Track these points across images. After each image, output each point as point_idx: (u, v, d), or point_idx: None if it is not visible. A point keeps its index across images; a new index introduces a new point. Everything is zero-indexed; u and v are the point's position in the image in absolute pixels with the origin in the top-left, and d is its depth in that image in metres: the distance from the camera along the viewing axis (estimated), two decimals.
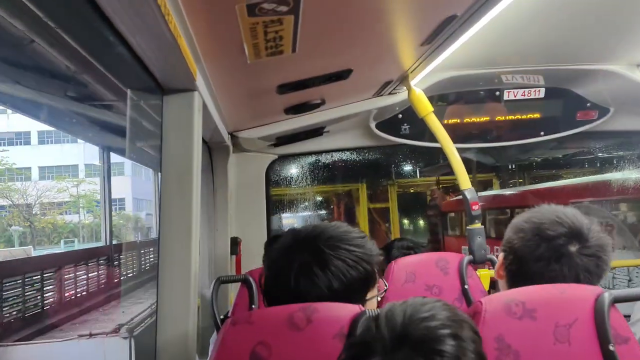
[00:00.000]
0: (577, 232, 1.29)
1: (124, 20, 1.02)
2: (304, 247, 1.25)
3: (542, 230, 1.30)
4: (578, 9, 1.89)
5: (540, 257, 1.29)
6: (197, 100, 1.55)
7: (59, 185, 30.95)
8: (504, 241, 1.40)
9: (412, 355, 0.78)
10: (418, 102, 2.58)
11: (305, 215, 12.63)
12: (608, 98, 3.10)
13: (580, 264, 1.28)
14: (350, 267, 1.23)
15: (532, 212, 1.37)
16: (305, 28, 1.34)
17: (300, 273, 1.23)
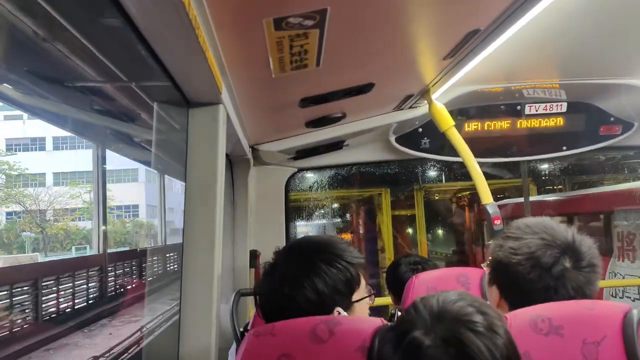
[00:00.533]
0: (566, 246, 1.25)
1: (154, 35, 1.05)
2: (289, 257, 1.33)
3: (538, 260, 1.25)
4: (599, 23, 1.89)
5: (547, 287, 1.24)
6: (222, 113, 1.57)
7: (72, 191, 30.87)
8: (494, 273, 1.36)
9: (451, 326, 0.92)
10: (439, 116, 2.58)
11: (319, 224, 11.48)
12: (632, 112, 3.06)
13: (583, 280, 1.24)
14: (332, 267, 1.28)
15: (515, 235, 1.31)
16: (330, 42, 1.36)
17: (285, 279, 1.28)
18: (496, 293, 1.35)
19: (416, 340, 0.92)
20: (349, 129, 2.82)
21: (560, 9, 1.68)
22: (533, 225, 1.31)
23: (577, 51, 2.27)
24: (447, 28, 1.59)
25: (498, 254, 1.32)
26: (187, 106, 1.51)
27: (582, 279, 1.24)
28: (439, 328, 0.93)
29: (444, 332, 0.92)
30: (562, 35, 1.99)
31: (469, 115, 3.13)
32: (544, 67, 2.56)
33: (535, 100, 3.04)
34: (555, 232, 1.27)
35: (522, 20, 1.59)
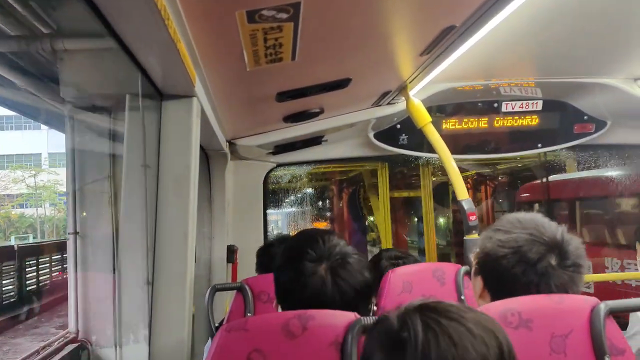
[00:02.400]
0: (554, 243, 1.26)
1: (123, 25, 1.03)
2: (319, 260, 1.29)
3: (524, 254, 1.25)
4: (574, 23, 1.91)
5: (529, 283, 1.24)
6: (196, 106, 1.55)
7: (14, 174, 28.06)
8: (480, 263, 1.36)
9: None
10: (416, 113, 2.59)
11: (291, 213, 9.24)
12: (605, 111, 3.12)
13: (567, 279, 1.25)
14: (359, 274, 1.29)
15: (503, 229, 1.32)
16: (304, 35, 1.35)
17: (313, 284, 1.26)
18: (480, 284, 1.35)
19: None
20: (328, 124, 2.82)
21: (534, 8, 1.70)
22: (524, 220, 1.31)
23: (552, 50, 2.30)
24: (423, 24, 1.59)
25: (486, 246, 1.33)
26: (160, 98, 1.49)
27: (566, 278, 1.25)
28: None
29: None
30: (537, 34, 2.01)
31: (446, 113, 3.15)
32: (520, 65, 2.59)
33: (511, 98, 3.08)
34: (544, 229, 1.28)
35: (497, 17, 1.61)
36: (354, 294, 1.27)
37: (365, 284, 1.30)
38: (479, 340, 0.80)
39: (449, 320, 0.82)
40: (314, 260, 1.28)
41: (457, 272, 2.13)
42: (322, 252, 1.30)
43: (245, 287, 2.01)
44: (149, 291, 1.53)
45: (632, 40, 2.18)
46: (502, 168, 8.58)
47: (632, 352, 1.25)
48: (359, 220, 9.00)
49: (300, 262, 1.28)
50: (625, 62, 2.51)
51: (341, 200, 9.20)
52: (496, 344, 0.81)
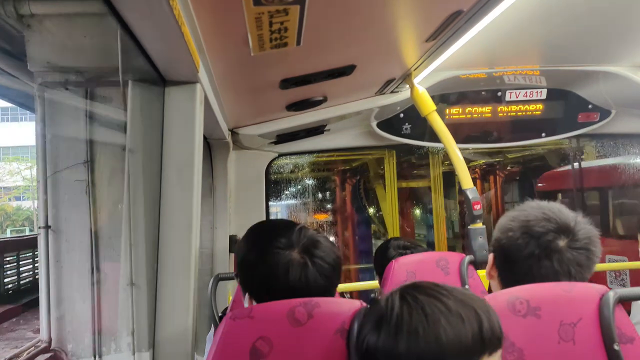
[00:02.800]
0: (565, 227, 1.27)
1: (127, 7, 1.00)
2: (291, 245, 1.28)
3: (530, 228, 1.28)
4: (581, 10, 1.89)
5: (530, 254, 1.27)
6: (199, 92, 1.53)
7: (10, 167, 27.75)
8: (493, 241, 1.39)
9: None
10: (420, 101, 2.57)
11: (292, 204, 8.60)
12: (610, 100, 3.10)
13: (571, 259, 1.26)
14: (332, 251, 1.30)
15: (518, 210, 1.36)
16: (310, 20, 1.33)
17: (293, 269, 1.25)
18: (491, 259, 1.38)
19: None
20: (331, 113, 2.79)
21: None
22: (543, 204, 1.34)
23: (556, 38, 2.27)
24: (430, 9, 1.57)
25: (501, 222, 1.36)
26: (163, 85, 1.47)
27: (570, 257, 1.25)
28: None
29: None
30: (542, 21, 1.99)
31: (450, 101, 3.13)
32: (524, 53, 2.56)
33: (515, 86, 3.05)
34: (559, 213, 1.29)
35: (505, 2, 1.58)
36: (332, 270, 1.28)
37: (339, 259, 1.31)
38: (454, 315, 0.82)
39: (427, 296, 0.86)
40: (286, 247, 1.27)
41: (461, 261, 2.12)
42: (290, 238, 1.29)
43: None
44: (132, 293, 1.50)
45: (636, 28, 2.16)
46: (512, 157, 8.01)
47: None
48: (363, 211, 8.60)
49: (274, 253, 1.27)
50: (630, 49, 2.49)
51: (344, 191, 8.68)
52: (475, 320, 0.83)
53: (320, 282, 1.26)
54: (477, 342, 0.84)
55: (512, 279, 1.30)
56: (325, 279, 1.27)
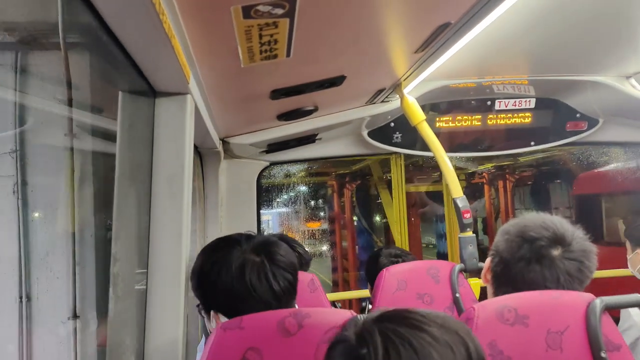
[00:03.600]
0: (561, 237, 1.30)
1: (116, 19, 1.01)
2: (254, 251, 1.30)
3: (526, 232, 1.32)
4: (568, 20, 1.92)
5: (521, 257, 1.31)
6: (190, 103, 1.54)
7: None
8: (493, 245, 1.42)
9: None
10: (410, 111, 2.60)
11: (285, 213, 7.83)
12: (597, 109, 3.14)
13: (562, 267, 1.28)
14: (288, 252, 1.31)
15: (520, 218, 1.40)
16: (300, 32, 1.34)
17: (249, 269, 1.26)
18: (488, 262, 1.41)
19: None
20: (322, 122, 2.81)
21: (528, 5, 1.70)
22: (545, 216, 1.37)
23: (544, 48, 2.31)
24: (418, 20, 1.59)
25: (503, 227, 1.41)
26: (154, 96, 1.47)
27: (561, 266, 1.28)
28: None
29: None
30: (530, 31, 2.02)
31: (440, 111, 3.16)
32: (513, 63, 2.59)
33: (504, 95, 3.09)
34: (559, 225, 1.33)
35: (493, 14, 1.61)
36: (293, 271, 1.30)
37: (293, 264, 1.32)
38: (443, 345, 0.76)
39: (409, 328, 0.77)
40: (245, 252, 1.29)
41: (451, 270, 2.13)
42: (247, 243, 1.30)
43: None
44: (76, 328, 1.30)
45: (624, 38, 2.19)
46: (524, 160, 7.12)
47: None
48: (366, 219, 8.04)
49: (228, 256, 1.28)
50: (617, 60, 2.53)
51: (342, 197, 7.87)
52: (463, 347, 0.78)
53: (282, 283, 1.27)
54: None
55: (503, 281, 1.33)
56: (286, 281, 1.28)
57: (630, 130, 3.31)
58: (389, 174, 5.43)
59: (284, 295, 1.28)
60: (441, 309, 2.06)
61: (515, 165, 7.76)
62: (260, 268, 1.26)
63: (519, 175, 8.23)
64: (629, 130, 3.31)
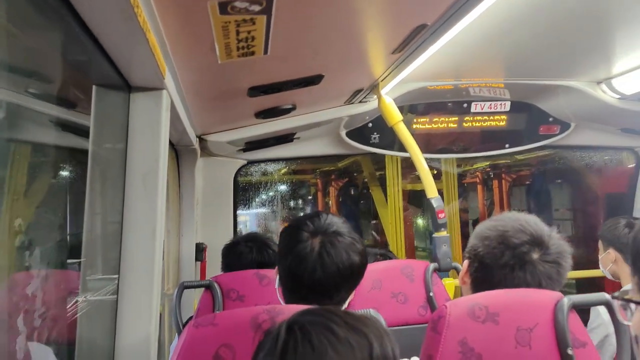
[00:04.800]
0: (539, 239, 1.32)
1: (89, 10, 1.00)
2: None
3: (507, 238, 1.32)
4: (542, 26, 1.96)
5: (505, 264, 1.31)
6: (166, 99, 1.52)
7: None
8: (468, 248, 1.43)
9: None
10: (388, 111, 2.62)
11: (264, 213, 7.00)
12: (569, 113, 3.21)
13: (543, 271, 1.31)
14: (345, 252, 1.32)
15: (496, 219, 1.41)
16: (277, 29, 1.34)
17: (307, 252, 1.30)
18: (465, 265, 1.42)
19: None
20: (300, 121, 2.81)
21: (503, 9, 1.73)
22: (520, 215, 1.39)
23: (519, 52, 2.35)
24: (395, 22, 1.60)
25: (477, 230, 1.41)
26: (128, 90, 1.45)
27: (542, 270, 1.30)
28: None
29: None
30: (505, 35, 2.05)
31: (417, 112, 3.19)
32: (489, 66, 2.63)
33: (480, 98, 3.13)
34: (534, 225, 1.34)
35: (468, 17, 1.63)
36: (336, 271, 1.29)
37: (350, 265, 1.31)
38: (343, 343, 0.79)
39: (315, 325, 0.81)
40: (310, 232, 1.33)
41: (426, 269, 2.15)
42: (319, 226, 1.34)
43: (214, 285, 1.99)
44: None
45: (595, 45, 2.25)
46: (522, 159, 6.51)
47: (594, 344, 1.29)
48: (354, 220, 7.30)
49: (299, 233, 1.33)
50: (588, 65, 2.59)
51: (327, 196, 7.26)
52: (366, 346, 0.80)
53: (320, 277, 1.28)
54: None
55: (485, 286, 1.33)
56: (327, 278, 1.29)
57: (601, 134, 3.40)
58: (383, 171, 5.13)
59: (327, 285, 1.33)
60: (415, 308, 2.08)
61: (512, 164, 7.21)
62: (311, 256, 1.32)
63: (516, 175, 7.70)
64: (599, 134, 3.40)
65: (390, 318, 1.98)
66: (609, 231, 2.41)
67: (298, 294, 1.31)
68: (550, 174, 7.36)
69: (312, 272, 1.29)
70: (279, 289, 1.41)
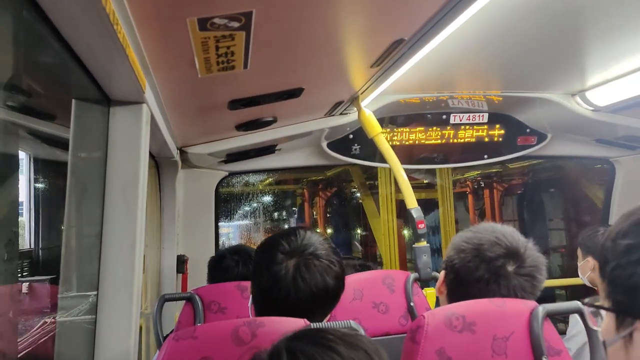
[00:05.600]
0: (515, 252, 1.34)
1: (69, 29, 1.00)
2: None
3: (482, 252, 1.34)
4: (519, 40, 2.01)
5: (480, 278, 1.33)
6: (146, 113, 1.53)
7: None
8: (446, 259, 1.45)
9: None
10: (367, 123, 2.65)
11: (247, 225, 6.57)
12: (546, 124, 3.28)
13: (517, 284, 1.33)
14: (320, 276, 1.29)
15: (473, 230, 1.42)
16: (256, 44, 1.36)
17: (281, 275, 1.27)
18: (442, 277, 1.43)
19: None
20: (281, 133, 2.83)
21: (479, 25, 1.78)
22: (496, 227, 1.41)
23: (495, 65, 2.41)
24: (373, 36, 1.64)
25: (455, 241, 1.42)
26: (108, 104, 1.46)
27: (517, 283, 1.32)
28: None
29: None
30: (482, 49, 2.10)
31: (397, 124, 3.23)
32: (467, 79, 2.69)
33: (459, 110, 3.19)
34: (510, 238, 1.36)
35: (444, 32, 1.67)
36: (310, 296, 1.27)
37: (325, 289, 1.29)
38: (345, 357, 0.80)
39: (315, 346, 0.81)
40: (286, 253, 1.30)
41: (406, 279, 2.17)
42: (295, 246, 1.31)
43: (195, 297, 1.98)
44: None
45: (570, 59, 2.31)
46: (514, 167, 6.21)
47: (569, 353, 1.32)
48: (342, 232, 7.00)
49: (274, 253, 1.30)
50: (563, 78, 2.66)
51: (314, 207, 6.85)
52: (367, 358, 0.81)
53: (294, 301, 1.26)
54: None
55: (460, 297, 1.35)
56: (300, 302, 1.27)
57: (576, 145, 3.48)
58: (373, 181, 4.99)
59: (301, 308, 1.30)
60: (396, 318, 2.09)
61: (503, 173, 6.99)
62: (285, 279, 1.29)
63: (507, 184, 7.44)
64: (575, 145, 3.48)
65: (371, 328, 1.99)
66: (588, 239, 2.46)
67: (270, 314, 1.27)
68: (544, 182, 7.17)
69: (286, 295, 1.26)
70: (251, 307, 1.38)
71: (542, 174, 7.04)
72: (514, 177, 7.46)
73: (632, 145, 3.38)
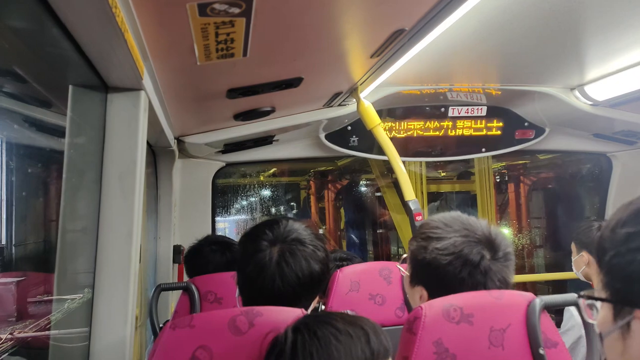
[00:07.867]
0: (488, 241, 1.31)
1: (66, 10, 0.99)
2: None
3: (464, 255, 1.29)
4: (518, 33, 2.00)
5: (477, 283, 1.29)
6: (144, 100, 1.51)
7: None
8: (420, 275, 1.37)
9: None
10: (366, 114, 2.64)
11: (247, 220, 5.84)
12: (544, 118, 3.28)
13: (496, 271, 1.29)
14: (306, 262, 1.31)
15: (433, 238, 1.32)
16: (256, 32, 1.35)
17: (266, 262, 1.29)
18: (424, 294, 1.36)
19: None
20: (279, 123, 2.81)
21: (480, 16, 1.77)
22: (451, 222, 1.34)
23: (495, 58, 2.39)
24: (374, 26, 1.62)
25: (424, 256, 1.33)
26: (106, 91, 1.44)
27: (501, 268, 1.31)
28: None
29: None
30: (482, 42, 2.09)
31: (396, 116, 3.22)
32: (465, 72, 2.68)
33: (458, 103, 3.18)
34: (473, 227, 1.32)
35: (445, 23, 1.66)
36: (296, 281, 1.28)
37: (310, 274, 1.30)
38: (344, 333, 0.93)
39: (318, 322, 0.96)
40: (269, 241, 1.31)
41: None
42: (278, 234, 1.32)
43: (191, 287, 1.98)
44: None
45: (569, 53, 2.30)
46: (544, 158, 5.20)
47: (565, 345, 1.32)
48: (357, 229, 6.19)
49: (257, 242, 1.32)
50: (562, 72, 2.65)
51: (322, 201, 6.13)
52: (363, 335, 0.94)
53: (279, 288, 1.28)
54: (367, 352, 0.93)
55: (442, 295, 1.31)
56: (286, 288, 1.28)
57: (574, 140, 3.48)
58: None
59: (287, 296, 1.32)
60: (392, 310, 2.10)
61: (531, 165, 5.97)
62: (269, 267, 1.32)
63: (536, 178, 6.27)
64: (573, 139, 3.48)
65: None
66: (582, 234, 2.47)
67: (257, 303, 1.26)
68: (584, 177, 5.53)
69: (272, 281, 1.27)
70: (239, 298, 1.38)
71: (581, 166, 5.55)
72: (544, 170, 6.21)
73: (629, 140, 3.39)
